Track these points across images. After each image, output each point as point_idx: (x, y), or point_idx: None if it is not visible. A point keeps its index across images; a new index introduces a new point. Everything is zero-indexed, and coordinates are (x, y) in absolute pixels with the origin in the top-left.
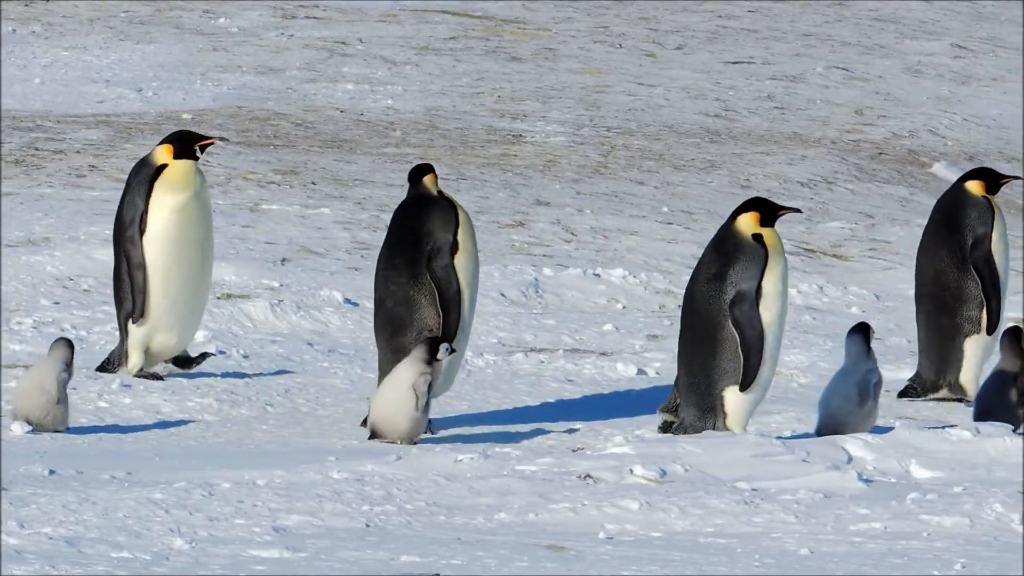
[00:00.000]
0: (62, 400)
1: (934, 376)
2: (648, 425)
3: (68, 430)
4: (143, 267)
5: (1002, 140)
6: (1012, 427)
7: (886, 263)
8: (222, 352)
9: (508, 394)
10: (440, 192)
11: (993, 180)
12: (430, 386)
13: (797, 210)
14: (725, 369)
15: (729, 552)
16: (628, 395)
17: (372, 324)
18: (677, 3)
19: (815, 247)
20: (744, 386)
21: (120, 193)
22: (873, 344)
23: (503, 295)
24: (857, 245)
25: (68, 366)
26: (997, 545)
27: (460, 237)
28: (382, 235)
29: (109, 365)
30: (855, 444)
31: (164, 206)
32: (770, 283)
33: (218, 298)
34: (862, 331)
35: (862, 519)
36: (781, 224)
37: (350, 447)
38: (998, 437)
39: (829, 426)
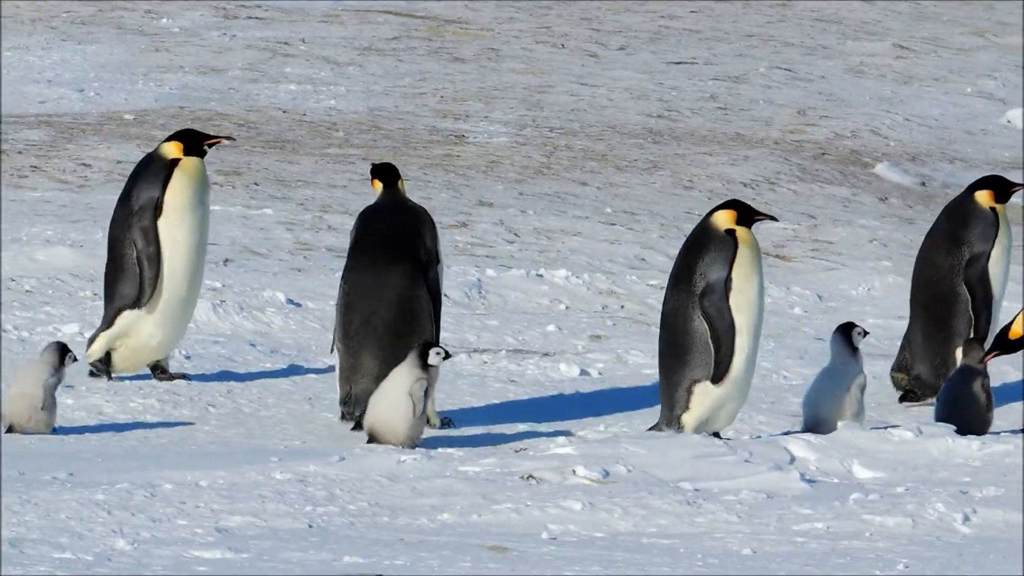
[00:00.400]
0: (48, 406)
1: (933, 379)
2: (591, 426)
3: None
4: (158, 248)
5: (944, 140)
6: (980, 425)
7: (829, 263)
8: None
9: (451, 394)
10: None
11: (1003, 189)
12: (427, 391)
13: (773, 218)
14: (697, 362)
15: (672, 552)
16: (571, 396)
17: (313, 325)
18: (619, 3)
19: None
20: (716, 379)
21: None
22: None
23: (446, 296)
24: (800, 246)
25: (57, 370)
26: (939, 545)
27: (440, 247)
28: (325, 236)
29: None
30: (797, 444)
31: (183, 191)
32: (741, 277)
33: None
34: (846, 330)
35: (805, 519)
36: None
37: (292, 448)
38: (940, 437)
39: (816, 427)
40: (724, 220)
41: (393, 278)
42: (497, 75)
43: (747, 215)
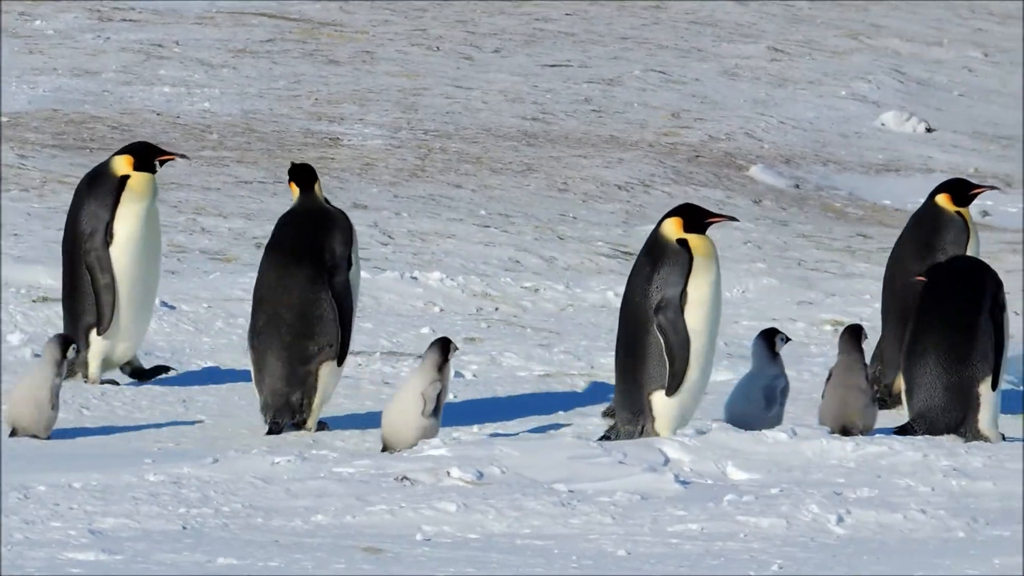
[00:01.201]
0: (55, 407)
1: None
2: (464, 428)
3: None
4: (112, 276)
5: (818, 143)
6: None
7: None
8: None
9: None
10: (327, 200)
11: (963, 192)
12: (440, 394)
13: (732, 218)
14: (652, 374)
15: (546, 554)
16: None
17: (187, 328)
18: (494, 6)
19: (632, 249)
20: (670, 391)
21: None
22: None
23: None
24: None
25: (59, 367)
26: (813, 546)
27: (353, 254)
28: (199, 238)
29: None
30: (672, 446)
31: (132, 216)
32: (696, 288)
33: (34, 301)
34: (767, 336)
35: (679, 520)
36: (608, 227)
37: (166, 450)
38: (814, 439)
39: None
40: (672, 230)
41: (297, 280)
42: (372, 77)
43: (696, 221)
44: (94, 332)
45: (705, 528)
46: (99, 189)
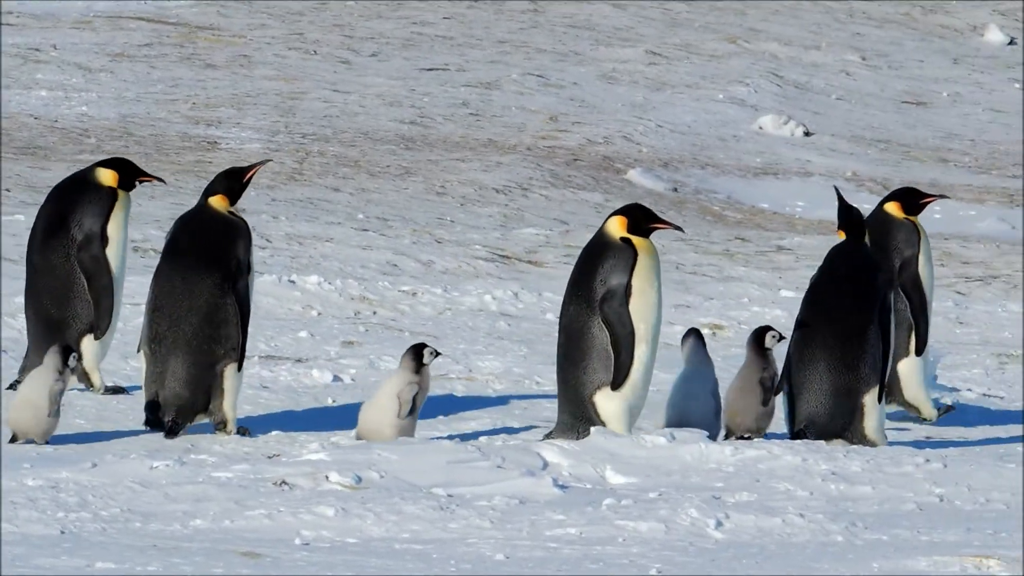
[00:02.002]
0: (53, 413)
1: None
2: (343, 433)
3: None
4: (111, 279)
5: (696, 146)
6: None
7: None
8: None
9: None
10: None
11: (912, 201)
12: (417, 395)
13: (678, 228)
14: (593, 376)
15: (425, 558)
16: (324, 401)
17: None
18: (371, 9)
19: (510, 253)
20: (616, 384)
21: None
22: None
23: None
24: (552, 251)
25: (61, 374)
26: (692, 550)
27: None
28: None
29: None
30: (550, 450)
31: (119, 227)
32: (640, 282)
33: None
34: (699, 335)
35: (558, 525)
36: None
37: (45, 454)
38: (693, 443)
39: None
40: (616, 228)
41: (203, 286)
42: (249, 81)
43: (640, 224)
44: (88, 339)
45: (584, 532)
46: (89, 197)
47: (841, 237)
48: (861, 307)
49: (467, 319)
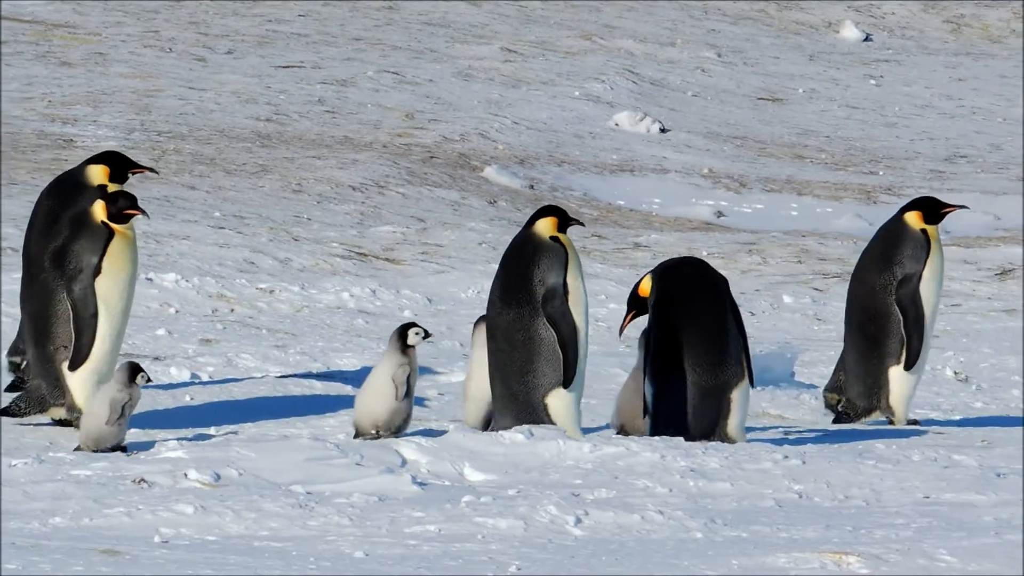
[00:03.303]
0: (112, 422)
1: (865, 402)
2: (201, 430)
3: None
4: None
5: (552, 143)
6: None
7: (438, 266)
8: None
9: None
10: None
11: (933, 210)
12: (409, 376)
13: (580, 222)
14: (545, 372)
15: (284, 556)
16: (182, 399)
17: None
18: (227, 7)
19: (367, 251)
20: (567, 382)
21: None
22: None
23: None
24: (409, 249)
25: (126, 387)
26: (552, 547)
27: (107, 262)
28: None
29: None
30: (409, 447)
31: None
32: (571, 280)
33: None
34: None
35: (417, 522)
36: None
37: None
38: (551, 440)
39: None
40: (547, 228)
41: (42, 285)
42: (105, 79)
43: (566, 223)
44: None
45: (443, 529)
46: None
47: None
48: (713, 304)
49: (325, 316)
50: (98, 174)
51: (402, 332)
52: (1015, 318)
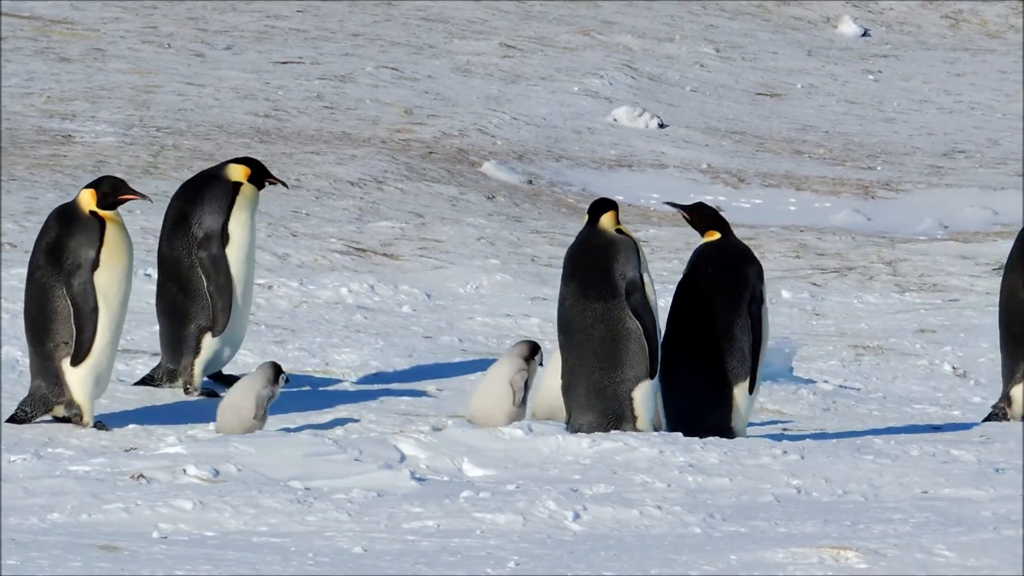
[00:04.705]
0: (259, 416)
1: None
2: (201, 426)
3: None
4: (229, 278)
5: (551, 139)
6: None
7: (437, 262)
8: None
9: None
10: (96, 212)
11: None
12: (527, 383)
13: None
14: (633, 365)
15: (283, 551)
16: (182, 395)
17: None
18: (225, 3)
19: (366, 246)
20: (653, 372)
21: None
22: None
23: None
24: (407, 244)
25: (269, 384)
26: (550, 543)
27: (104, 254)
28: None
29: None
30: (408, 443)
31: (242, 224)
32: (644, 273)
33: None
34: None
35: (415, 517)
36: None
37: None
38: (550, 435)
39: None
40: (610, 223)
41: (42, 282)
42: (104, 75)
43: (618, 217)
44: (206, 337)
45: (441, 525)
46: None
47: (712, 238)
48: (731, 297)
49: (323, 312)
50: (237, 174)
51: (534, 348)
52: None
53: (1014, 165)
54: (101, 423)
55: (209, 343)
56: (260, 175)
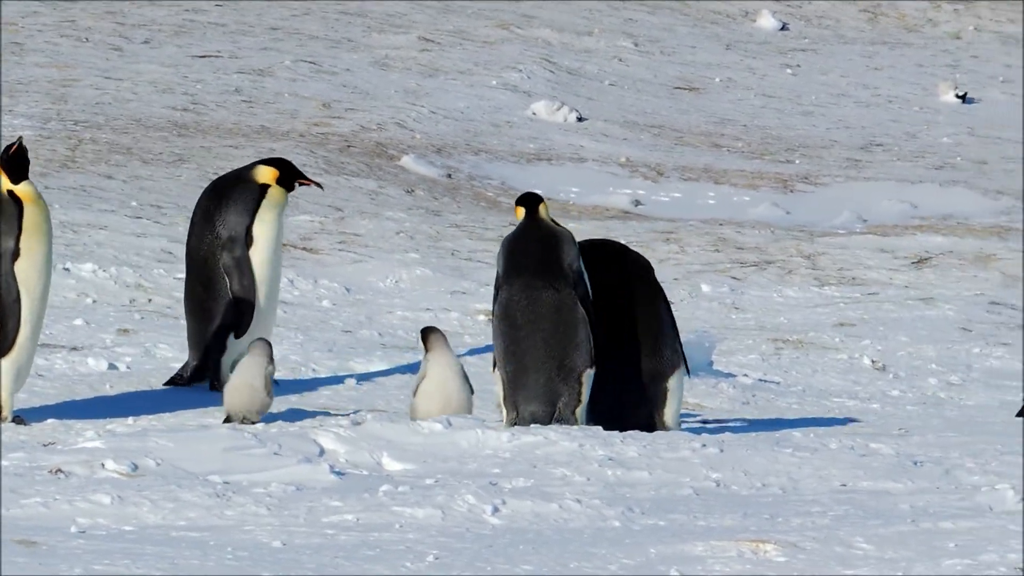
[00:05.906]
0: (270, 392)
1: None
2: (119, 420)
3: None
4: (252, 280)
5: (469, 132)
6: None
7: (356, 256)
8: None
9: None
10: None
11: None
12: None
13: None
14: (585, 350)
15: (202, 545)
16: (100, 389)
17: None
18: None
19: (285, 241)
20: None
21: None
22: None
23: None
24: (327, 238)
25: (271, 360)
26: (469, 536)
27: (23, 243)
28: None
29: (181, 379)
30: (327, 437)
31: (268, 225)
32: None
33: None
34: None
35: (334, 511)
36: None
37: None
38: (470, 429)
39: None
40: (546, 214)
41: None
42: (21, 69)
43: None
44: (231, 336)
45: (361, 519)
46: (242, 195)
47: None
48: (644, 290)
49: None
50: (265, 175)
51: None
52: (931, 306)
53: (931, 159)
54: (20, 418)
55: (233, 343)
56: (290, 177)
